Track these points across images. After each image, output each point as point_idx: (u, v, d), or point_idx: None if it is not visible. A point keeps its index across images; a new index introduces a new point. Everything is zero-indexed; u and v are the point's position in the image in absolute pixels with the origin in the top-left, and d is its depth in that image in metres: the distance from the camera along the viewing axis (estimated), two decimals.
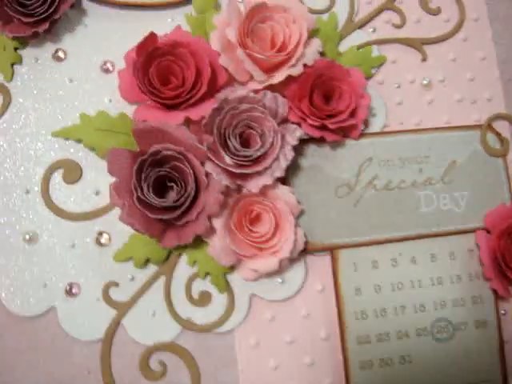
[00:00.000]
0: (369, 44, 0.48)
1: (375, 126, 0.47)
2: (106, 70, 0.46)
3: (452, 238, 0.46)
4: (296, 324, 0.44)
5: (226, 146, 0.43)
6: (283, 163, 0.43)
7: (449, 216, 0.46)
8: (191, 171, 0.42)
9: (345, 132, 0.46)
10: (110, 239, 0.44)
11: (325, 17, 0.48)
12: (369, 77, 0.48)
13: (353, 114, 0.45)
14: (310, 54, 0.45)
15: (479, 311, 0.45)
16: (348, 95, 0.45)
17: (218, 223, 0.43)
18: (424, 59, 0.49)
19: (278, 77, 0.44)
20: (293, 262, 0.44)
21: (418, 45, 0.49)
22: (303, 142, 0.45)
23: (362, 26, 0.49)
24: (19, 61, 0.46)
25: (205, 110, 0.43)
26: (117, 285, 0.44)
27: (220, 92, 0.45)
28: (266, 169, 0.42)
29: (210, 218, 0.42)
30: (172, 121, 0.42)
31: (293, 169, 0.45)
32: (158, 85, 0.42)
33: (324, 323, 0.45)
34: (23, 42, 0.46)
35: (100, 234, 0.44)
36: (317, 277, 0.45)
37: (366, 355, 0.44)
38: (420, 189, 0.46)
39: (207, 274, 0.44)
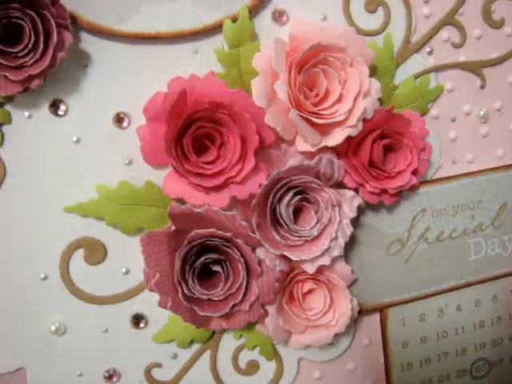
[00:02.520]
0: (426, 72, 0.41)
1: (429, 170, 0.42)
2: (120, 125, 0.37)
3: (496, 282, 0.45)
4: (343, 378, 0.44)
5: (277, 224, 0.37)
6: (342, 241, 0.38)
7: (495, 260, 0.45)
8: (241, 259, 0.37)
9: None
10: (146, 321, 0.40)
11: (379, 40, 0.40)
12: (425, 113, 0.42)
13: (414, 171, 0.40)
14: (370, 106, 0.38)
15: None
16: (409, 150, 0.39)
17: (269, 306, 0.39)
18: (483, 86, 0.43)
19: (335, 139, 0.37)
20: None
21: (478, 69, 0.42)
22: None
23: (419, 48, 0.41)
24: (8, 120, 0.36)
25: (252, 186, 0.36)
26: (159, 365, 0.41)
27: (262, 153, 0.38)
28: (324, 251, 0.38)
29: (263, 305, 0.39)
30: (216, 203, 0.36)
31: None
32: (195, 160, 0.35)
33: (370, 375, 0.45)
34: (10, 96, 0.35)
35: (135, 316, 0.40)
36: (364, 333, 0.44)
37: None
38: (470, 236, 0.44)
39: (255, 346, 0.42)
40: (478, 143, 0.44)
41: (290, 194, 0.37)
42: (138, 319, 0.40)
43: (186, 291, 0.36)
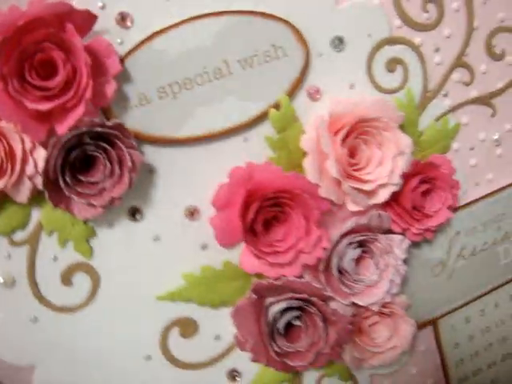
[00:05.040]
0: (445, 114, 0.46)
1: (460, 198, 0.48)
2: (192, 217, 0.42)
3: None
4: (409, 382, 0.51)
5: (343, 277, 0.43)
6: (398, 280, 0.44)
7: None
8: (318, 313, 0.43)
9: None
10: (241, 375, 0.46)
11: (401, 95, 0.44)
12: (448, 150, 0.47)
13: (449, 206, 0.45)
14: (407, 161, 0.42)
15: None
16: (442, 191, 0.45)
17: None
18: (494, 114, 0.48)
19: (382, 197, 0.42)
20: None
21: (488, 101, 0.47)
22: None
23: (436, 94, 0.46)
24: (93, 233, 0.40)
25: (318, 251, 0.41)
26: None
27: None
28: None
29: (342, 345, 0.45)
30: (291, 274, 0.41)
31: None
32: (268, 240, 0.40)
33: (431, 374, 0.52)
34: None
35: (230, 372, 0.45)
36: (421, 342, 0.50)
37: None
38: (499, 245, 0.50)
39: (333, 374, 0.48)
40: (495, 163, 0.49)
41: (351, 250, 0.42)
42: (233, 375, 0.46)
43: (276, 349, 0.42)
